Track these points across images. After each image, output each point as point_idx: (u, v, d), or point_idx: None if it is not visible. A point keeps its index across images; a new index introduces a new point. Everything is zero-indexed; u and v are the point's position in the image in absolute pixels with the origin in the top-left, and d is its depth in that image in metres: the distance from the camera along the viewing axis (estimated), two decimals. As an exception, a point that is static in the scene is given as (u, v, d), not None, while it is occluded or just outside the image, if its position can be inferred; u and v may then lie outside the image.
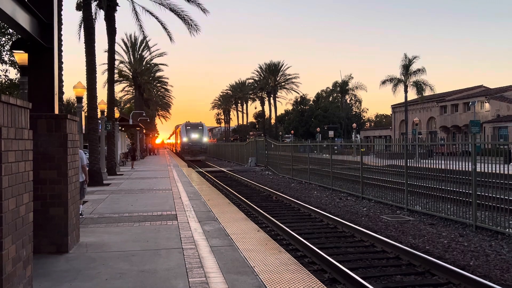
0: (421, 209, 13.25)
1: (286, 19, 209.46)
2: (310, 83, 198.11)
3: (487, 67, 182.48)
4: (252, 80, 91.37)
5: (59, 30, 14.20)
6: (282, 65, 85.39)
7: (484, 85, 62.05)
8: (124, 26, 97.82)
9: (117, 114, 29.85)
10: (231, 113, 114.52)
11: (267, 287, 5.04)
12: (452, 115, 58.08)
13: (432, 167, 13.41)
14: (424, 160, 14.71)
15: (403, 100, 53.30)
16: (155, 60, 56.80)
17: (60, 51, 15.11)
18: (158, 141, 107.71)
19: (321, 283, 5.25)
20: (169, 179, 20.75)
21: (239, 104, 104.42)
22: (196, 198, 13.41)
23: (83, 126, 19.54)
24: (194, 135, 54.20)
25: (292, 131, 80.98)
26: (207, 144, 57.77)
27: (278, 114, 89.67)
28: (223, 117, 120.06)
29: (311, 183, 23.01)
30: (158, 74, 63.68)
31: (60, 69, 15.29)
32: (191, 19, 25.23)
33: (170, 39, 28.19)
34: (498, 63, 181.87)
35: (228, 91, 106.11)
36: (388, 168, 16.47)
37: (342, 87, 75.65)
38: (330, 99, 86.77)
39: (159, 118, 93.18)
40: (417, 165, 14.81)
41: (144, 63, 54.94)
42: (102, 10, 24.14)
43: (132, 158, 32.44)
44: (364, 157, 17.97)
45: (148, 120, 58.00)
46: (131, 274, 5.59)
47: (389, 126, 77.20)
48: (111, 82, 25.40)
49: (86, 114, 21.02)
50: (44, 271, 5.73)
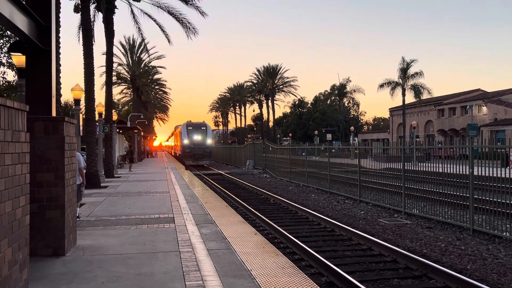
0: (418, 212, 13.26)
1: (284, 22, 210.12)
2: (308, 86, 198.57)
3: (485, 70, 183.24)
4: (250, 83, 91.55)
5: (57, 32, 14.20)
6: (280, 68, 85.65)
7: (482, 88, 62.31)
8: (123, 29, 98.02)
9: (115, 117, 29.81)
10: (229, 115, 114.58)
11: (264, 291, 5.03)
12: (450, 118, 58.22)
13: (429, 170, 13.42)
14: (422, 164, 14.72)
15: (401, 103, 53.42)
16: (153, 63, 56.89)
17: (58, 53, 15.14)
18: (156, 143, 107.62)
19: (318, 287, 5.25)
20: (166, 181, 20.71)
21: (237, 107, 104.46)
22: (193, 201, 13.39)
23: (81, 129, 19.50)
24: (197, 137, 47.13)
25: (290, 134, 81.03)
26: (211, 147, 50.61)
27: (276, 117, 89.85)
28: (221, 119, 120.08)
29: (309, 186, 23.00)
30: (156, 77, 63.72)
31: (58, 71, 15.30)
32: (189, 22, 25.29)
33: (168, 41, 28.26)
34: (495, 67, 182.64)
35: (226, 94, 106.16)
36: (386, 171, 16.49)
37: (340, 90, 75.83)
38: (328, 102, 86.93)
39: (157, 121, 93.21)
40: (414, 168, 14.83)
41: (142, 66, 54.95)
42: (100, 13, 24.17)
43: (130, 161, 32.41)
44: (362, 160, 17.99)
45: (146, 122, 57.96)
46: (128, 277, 5.58)
47: (386, 129, 77.32)
48: (109, 85, 25.40)
49: (84, 117, 20.98)
50: (41, 274, 5.71)
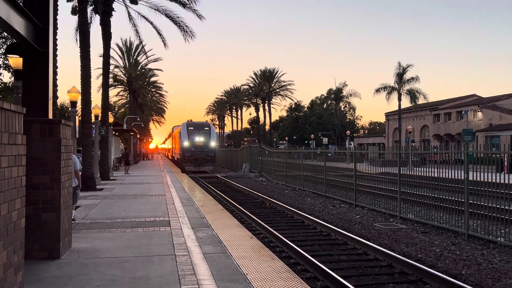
0: (414, 217, 13.29)
1: (282, 26, 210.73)
2: (304, 90, 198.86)
3: (480, 76, 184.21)
4: (247, 86, 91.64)
5: (55, 34, 14.18)
6: (277, 71, 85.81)
7: (477, 94, 62.63)
8: (120, 31, 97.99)
9: (111, 119, 29.83)
10: (225, 119, 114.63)
11: (260, 295, 5.03)
12: (445, 123, 58.45)
13: (425, 175, 13.47)
14: (417, 168, 14.78)
15: (396, 108, 53.59)
16: (150, 65, 56.82)
17: (55, 55, 15.11)
18: (152, 146, 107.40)
19: (313, 291, 5.25)
20: (162, 184, 20.68)
21: (233, 110, 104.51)
22: (189, 204, 13.37)
23: (77, 131, 19.46)
24: (199, 138, 40.71)
25: (286, 138, 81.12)
26: (215, 150, 43.71)
27: (272, 121, 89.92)
28: (217, 122, 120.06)
29: (304, 190, 23.02)
30: (153, 79, 63.72)
31: (55, 73, 15.28)
32: (186, 25, 25.29)
33: (164, 45, 28.28)
34: (490, 72, 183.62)
35: (223, 97, 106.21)
36: (382, 176, 16.53)
37: (337, 95, 76.06)
38: (325, 106, 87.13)
39: (153, 123, 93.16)
40: (410, 173, 14.88)
41: (139, 68, 54.91)
42: (97, 15, 24.16)
43: (126, 163, 32.34)
44: (358, 164, 18.03)
45: (142, 125, 57.84)
46: (123, 281, 5.56)
47: (382, 133, 77.54)
48: (105, 87, 25.36)
49: (80, 119, 20.94)
50: (35, 277, 5.68)
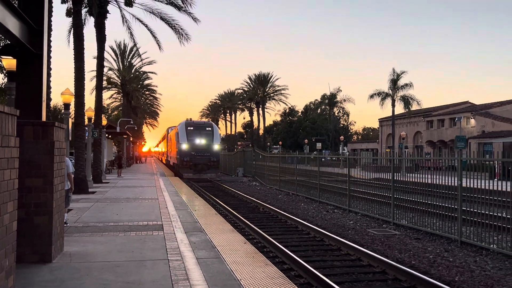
0: (407, 223, 13.32)
1: (277, 30, 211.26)
2: (299, 95, 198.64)
3: (473, 83, 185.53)
4: (241, 90, 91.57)
5: (49, 36, 14.10)
6: (272, 76, 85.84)
7: (470, 101, 63.06)
8: (114, 33, 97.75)
9: (104, 122, 29.65)
10: (219, 122, 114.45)
11: (254, 301, 5.00)
12: (438, 130, 58.76)
13: (418, 181, 13.51)
14: (410, 174, 14.82)
15: (390, 114, 53.80)
16: (144, 68, 56.64)
17: (49, 57, 15.03)
18: (145, 149, 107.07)
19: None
20: (155, 188, 20.59)
21: (227, 114, 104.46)
22: (182, 208, 13.31)
23: (70, 133, 19.34)
24: (200, 140, 34.45)
25: (280, 142, 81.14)
26: (219, 154, 36.99)
27: (266, 125, 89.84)
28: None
29: (298, 195, 23.01)
30: (146, 82, 63.50)
31: (49, 75, 15.19)
32: (181, 28, 25.30)
33: (159, 47, 28.23)
34: (483, 80, 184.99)
35: (217, 101, 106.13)
36: (375, 182, 16.56)
37: (331, 100, 76.23)
38: (318, 111, 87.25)
39: (147, 126, 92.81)
40: (403, 179, 14.91)
41: (133, 71, 54.76)
42: (92, 17, 24.10)
43: (119, 166, 32.20)
44: (351, 169, 18.05)
45: (136, 128, 57.66)
46: (115, 286, 5.51)
47: (376, 139, 77.80)
48: (99, 89, 25.28)
49: (73, 121, 20.83)
50: (27, 281, 5.62)
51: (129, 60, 53.15)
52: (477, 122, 51.76)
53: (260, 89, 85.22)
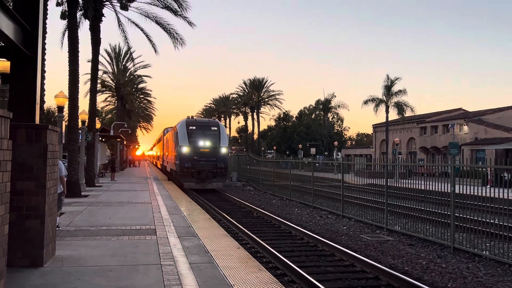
0: (400, 229, 13.34)
1: (272, 36, 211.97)
2: (293, 100, 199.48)
3: (466, 90, 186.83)
4: (236, 95, 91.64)
5: (43, 38, 14.04)
6: (266, 81, 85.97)
7: (463, 108, 63.48)
8: (108, 36, 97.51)
9: (98, 125, 29.56)
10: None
11: (247, 307, 4.98)
12: (432, 136, 59.05)
13: (411, 187, 13.55)
14: (404, 180, 14.87)
15: (384, 120, 54.00)
16: (139, 72, 56.53)
17: (43, 60, 14.96)
18: (138, 152, 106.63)
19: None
20: (148, 192, 20.51)
21: (222, 119, 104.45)
22: (176, 212, 13.26)
23: (63, 136, 19.25)
24: (204, 142, 27.94)
25: (275, 147, 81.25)
26: (226, 159, 29.77)
27: (261, 130, 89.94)
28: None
29: (292, 200, 22.99)
30: (141, 86, 63.35)
31: (42, 78, 15.12)
32: (177, 33, 25.29)
33: (155, 51, 28.17)
34: (477, 87, 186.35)
35: (212, 105, 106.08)
36: (369, 187, 16.60)
37: (325, 105, 76.41)
38: (313, 117, 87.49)
39: (141, 130, 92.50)
40: (396, 185, 14.96)
41: (127, 74, 54.67)
42: (87, 20, 24.03)
43: (112, 170, 32.06)
44: (345, 175, 18.08)
45: (130, 131, 57.47)
46: (107, 290, 5.46)
47: (370, 145, 78.04)
48: (93, 92, 25.18)
49: (67, 124, 20.73)
50: (17, 285, 5.56)
51: (123, 63, 53.08)
52: (470, 129, 52.07)
53: (255, 94, 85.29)
